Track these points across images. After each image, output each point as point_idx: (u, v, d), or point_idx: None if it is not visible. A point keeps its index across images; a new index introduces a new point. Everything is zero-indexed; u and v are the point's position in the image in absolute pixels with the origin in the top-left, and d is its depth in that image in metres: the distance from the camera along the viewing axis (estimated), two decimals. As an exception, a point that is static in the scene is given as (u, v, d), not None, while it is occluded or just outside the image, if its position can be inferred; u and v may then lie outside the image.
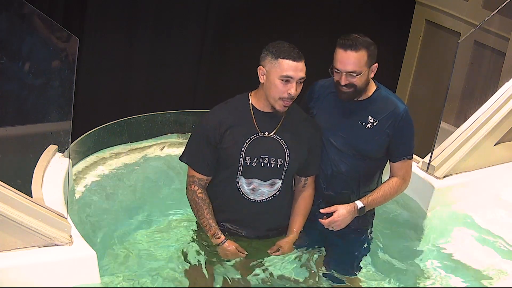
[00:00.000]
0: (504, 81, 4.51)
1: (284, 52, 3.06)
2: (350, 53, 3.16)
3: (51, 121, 3.14)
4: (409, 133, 3.38)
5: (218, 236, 3.24)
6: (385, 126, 3.31)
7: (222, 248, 3.24)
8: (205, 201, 3.25)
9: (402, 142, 3.36)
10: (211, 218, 3.24)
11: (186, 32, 5.38)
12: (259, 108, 3.18)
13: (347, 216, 3.31)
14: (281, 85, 3.07)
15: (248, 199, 3.23)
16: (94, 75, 5.02)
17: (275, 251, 3.31)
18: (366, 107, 3.31)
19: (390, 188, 3.41)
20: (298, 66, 3.07)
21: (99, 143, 4.01)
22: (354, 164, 3.35)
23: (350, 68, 3.17)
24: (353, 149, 3.33)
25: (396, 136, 3.34)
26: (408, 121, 3.35)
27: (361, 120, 3.31)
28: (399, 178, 3.42)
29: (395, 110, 3.31)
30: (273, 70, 3.07)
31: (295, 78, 3.06)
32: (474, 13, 5.59)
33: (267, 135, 3.17)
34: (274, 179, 3.22)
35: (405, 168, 3.42)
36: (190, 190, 3.26)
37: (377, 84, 3.37)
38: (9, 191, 2.85)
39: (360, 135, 3.31)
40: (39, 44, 3.12)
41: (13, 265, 2.81)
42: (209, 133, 3.18)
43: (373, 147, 3.33)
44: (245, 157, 3.17)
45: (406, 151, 3.39)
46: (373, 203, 3.40)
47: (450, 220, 4.07)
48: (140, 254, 3.46)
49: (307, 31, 5.72)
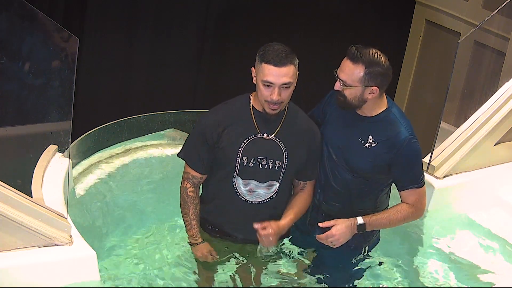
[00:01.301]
0: (504, 81, 4.51)
1: (267, 56, 3.01)
2: (348, 62, 3.08)
3: (51, 121, 3.14)
4: (412, 162, 3.22)
5: (196, 238, 3.26)
6: (383, 151, 3.18)
7: (196, 248, 3.26)
8: (193, 201, 3.25)
9: (405, 172, 3.22)
10: (195, 219, 3.25)
11: (186, 32, 5.39)
12: (258, 109, 3.18)
13: (346, 232, 3.18)
14: (264, 89, 3.05)
15: (244, 200, 3.23)
16: (94, 75, 5.02)
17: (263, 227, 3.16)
18: (370, 125, 3.20)
19: (397, 213, 3.26)
20: (281, 72, 3.00)
21: (99, 143, 4.02)
22: (345, 179, 3.25)
23: (342, 76, 3.10)
24: (345, 162, 3.24)
25: (398, 165, 3.20)
26: (410, 150, 3.18)
27: (361, 137, 3.21)
28: (408, 205, 3.27)
29: (396, 136, 3.17)
30: (258, 73, 3.06)
31: (276, 83, 3.02)
32: (474, 13, 5.59)
33: (266, 137, 3.17)
34: (271, 181, 3.21)
35: (414, 196, 3.27)
36: (183, 187, 3.27)
37: (390, 105, 3.23)
38: (9, 191, 2.85)
39: (355, 151, 3.21)
40: (39, 44, 3.12)
41: (13, 265, 2.81)
42: (206, 131, 3.17)
43: (365, 166, 3.21)
44: (242, 157, 3.16)
45: (412, 180, 3.24)
46: (376, 223, 3.25)
47: (450, 220, 4.07)
48: (140, 254, 3.46)
49: (307, 31, 5.72)
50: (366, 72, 3.07)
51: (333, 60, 3.31)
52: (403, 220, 3.31)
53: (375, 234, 3.44)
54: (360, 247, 3.41)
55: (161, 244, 3.56)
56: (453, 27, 5.85)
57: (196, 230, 3.26)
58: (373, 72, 3.07)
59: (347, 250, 3.36)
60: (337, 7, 5.90)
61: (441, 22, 5.97)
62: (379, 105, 3.20)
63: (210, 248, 3.27)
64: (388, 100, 3.25)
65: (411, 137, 3.19)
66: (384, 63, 3.11)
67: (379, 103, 3.20)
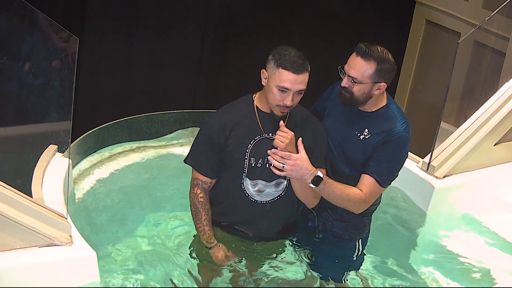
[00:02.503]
0: (504, 81, 4.51)
1: (286, 63, 3.02)
2: (359, 59, 3.10)
3: (51, 121, 3.14)
4: (390, 156, 3.19)
5: (211, 242, 3.25)
6: (374, 141, 3.20)
7: (213, 252, 3.26)
8: (205, 207, 3.25)
9: (378, 160, 3.17)
10: (207, 224, 3.25)
11: (186, 32, 5.39)
12: (263, 109, 3.18)
13: (302, 169, 3.03)
14: (278, 94, 3.06)
15: (253, 201, 3.23)
16: (94, 75, 5.02)
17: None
18: (367, 120, 3.24)
19: (349, 192, 3.16)
20: (298, 79, 3.03)
21: (99, 143, 4.02)
22: (343, 172, 3.27)
23: (352, 73, 3.12)
24: (343, 154, 3.28)
25: (377, 151, 3.18)
26: (398, 144, 3.18)
27: (358, 130, 3.24)
28: (361, 192, 3.18)
29: (390, 130, 3.18)
30: (273, 77, 3.06)
31: (292, 90, 3.04)
32: (474, 13, 5.59)
33: (271, 136, 3.17)
34: (279, 179, 3.22)
35: (369, 187, 3.19)
36: (192, 193, 3.26)
37: (389, 101, 3.27)
38: (9, 191, 2.85)
39: (351, 144, 3.24)
40: (39, 44, 3.12)
41: (13, 265, 2.81)
42: (213, 135, 3.17)
43: (357, 157, 3.23)
44: (250, 158, 3.17)
45: (379, 172, 3.18)
46: (329, 187, 3.11)
47: (450, 220, 4.07)
48: (140, 254, 3.46)
49: (307, 31, 5.72)
50: (377, 68, 3.10)
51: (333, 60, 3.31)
52: (348, 202, 3.17)
53: (367, 227, 3.45)
54: (354, 239, 3.42)
55: (161, 244, 3.56)
56: (453, 27, 5.85)
57: (210, 235, 3.25)
58: (384, 69, 3.12)
59: (341, 244, 3.38)
60: (337, 7, 5.89)
61: (441, 22, 5.97)
62: (380, 101, 3.24)
63: (225, 250, 3.26)
64: (388, 97, 3.29)
65: (404, 134, 3.19)
66: (391, 59, 3.16)
67: (380, 99, 3.24)
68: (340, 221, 3.37)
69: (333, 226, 3.39)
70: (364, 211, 3.29)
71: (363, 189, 3.19)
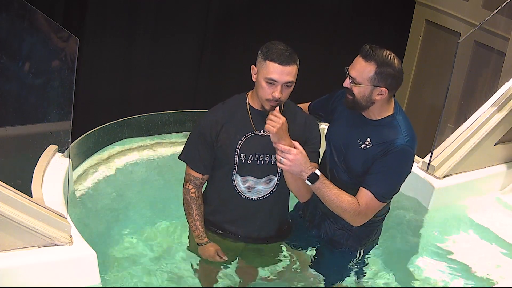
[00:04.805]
0: (504, 81, 4.52)
1: (272, 54, 3.02)
2: (360, 59, 3.05)
3: (51, 121, 3.13)
4: (390, 168, 3.08)
5: (202, 237, 3.26)
6: (375, 152, 3.10)
7: (202, 248, 3.26)
8: (196, 202, 3.26)
9: (377, 173, 3.07)
10: (199, 220, 3.26)
11: (186, 32, 5.39)
12: (255, 106, 3.19)
13: (301, 164, 3.01)
14: (266, 87, 3.06)
15: (244, 197, 3.24)
16: (94, 75, 5.02)
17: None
18: (371, 128, 3.15)
19: (344, 199, 3.07)
20: (285, 70, 3.02)
21: (99, 143, 4.02)
22: (343, 180, 3.21)
23: (352, 73, 3.07)
24: (344, 163, 3.22)
25: (376, 163, 3.08)
26: (397, 157, 3.06)
27: (360, 138, 3.16)
28: (358, 204, 3.08)
29: (391, 142, 3.07)
30: (261, 71, 3.06)
31: (279, 81, 3.03)
32: (474, 13, 5.59)
33: (262, 134, 3.17)
34: (269, 175, 3.22)
35: (366, 201, 3.08)
36: (185, 188, 3.28)
37: (396, 111, 3.17)
38: (9, 191, 2.85)
39: (352, 152, 3.18)
40: (39, 44, 3.12)
41: (13, 265, 2.81)
42: (205, 132, 3.19)
43: (356, 167, 3.16)
44: (240, 154, 3.17)
45: (377, 186, 3.07)
46: (325, 188, 3.06)
47: (450, 220, 4.07)
48: (139, 254, 3.46)
49: (307, 31, 5.72)
50: (377, 71, 3.04)
51: (333, 60, 3.31)
52: (342, 210, 3.08)
53: (370, 238, 3.37)
54: (355, 250, 3.37)
55: (161, 244, 3.56)
56: (453, 27, 5.85)
57: (201, 231, 3.26)
58: (384, 73, 3.04)
59: (343, 252, 3.35)
60: (337, 7, 5.90)
61: (441, 22, 5.97)
62: (385, 110, 3.16)
63: (217, 248, 3.27)
64: (395, 105, 3.20)
65: (406, 148, 3.08)
66: (397, 65, 3.09)
67: (386, 107, 3.16)
68: (342, 230, 3.32)
69: (335, 235, 3.34)
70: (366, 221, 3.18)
71: (360, 202, 3.09)
